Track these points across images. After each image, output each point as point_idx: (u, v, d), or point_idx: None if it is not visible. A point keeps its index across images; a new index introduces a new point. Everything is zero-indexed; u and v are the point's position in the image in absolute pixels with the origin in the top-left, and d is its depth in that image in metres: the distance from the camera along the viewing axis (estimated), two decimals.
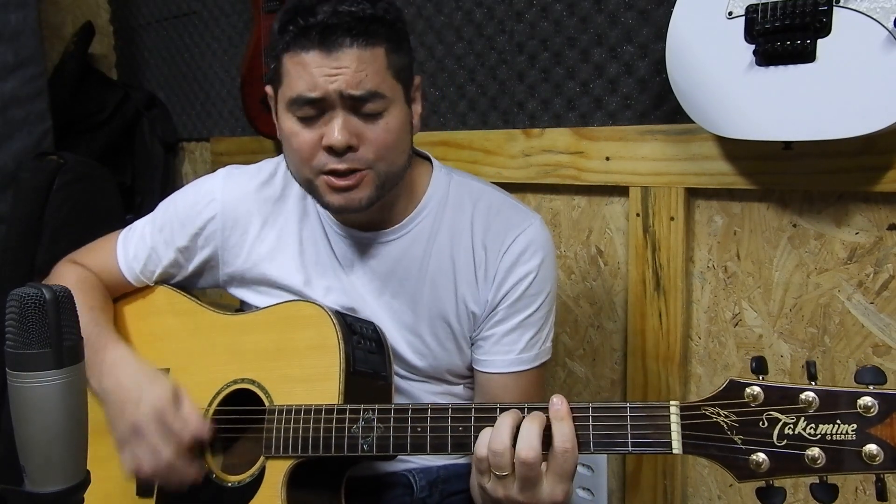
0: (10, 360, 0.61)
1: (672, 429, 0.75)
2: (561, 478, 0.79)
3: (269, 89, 1.04)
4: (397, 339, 1.08)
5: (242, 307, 1.18)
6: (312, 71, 0.92)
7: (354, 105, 0.93)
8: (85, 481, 0.64)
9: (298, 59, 0.93)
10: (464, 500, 1.14)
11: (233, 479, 0.99)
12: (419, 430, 0.87)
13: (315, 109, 0.94)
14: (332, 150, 0.94)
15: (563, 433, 0.79)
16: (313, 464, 0.95)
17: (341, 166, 0.94)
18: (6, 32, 1.91)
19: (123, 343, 1.08)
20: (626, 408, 0.77)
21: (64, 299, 0.62)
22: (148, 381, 1.00)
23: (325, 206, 1.00)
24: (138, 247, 1.16)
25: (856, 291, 1.18)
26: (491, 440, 0.81)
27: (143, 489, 1.05)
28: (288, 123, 0.97)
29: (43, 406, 0.61)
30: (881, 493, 0.68)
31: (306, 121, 0.95)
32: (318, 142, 0.95)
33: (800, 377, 1.25)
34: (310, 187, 1.00)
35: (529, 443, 0.78)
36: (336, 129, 0.92)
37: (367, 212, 1.02)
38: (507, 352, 1.06)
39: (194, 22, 2.32)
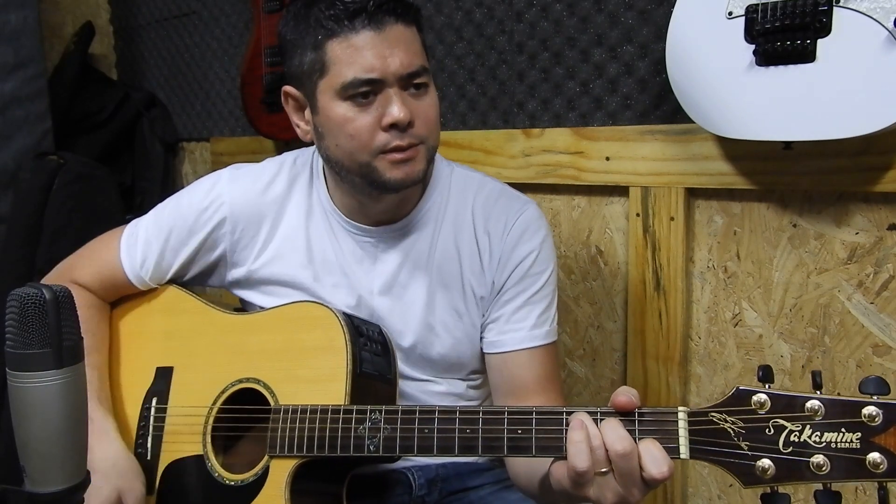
0: (10, 360, 0.61)
1: (680, 434, 0.76)
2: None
3: (290, 89, 1.03)
4: (406, 331, 1.09)
5: (244, 307, 1.18)
6: (366, 52, 0.93)
7: (407, 83, 0.96)
8: (85, 481, 0.64)
9: (349, 43, 0.94)
10: (462, 499, 1.14)
11: (236, 478, 0.99)
12: (426, 431, 0.87)
13: (370, 91, 0.95)
14: (395, 127, 0.95)
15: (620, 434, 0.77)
16: (317, 464, 0.95)
17: (404, 142, 0.96)
18: (6, 32, 1.91)
19: (100, 411, 1.04)
20: (634, 413, 0.78)
21: (64, 299, 0.62)
22: (100, 481, 0.96)
23: (383, 184, 0.99)
24: (146, 254, 1.14)
25: (856, 291, 1.18)
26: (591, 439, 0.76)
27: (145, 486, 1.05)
28: (339, 111, 0.96)
29: (43, 406, 0.61)
30: (884, 501, 0.69)
31: (361, 104, 0.95)
32: (376, 123, 0.95)
33: (800, 377, 1.25)
34: (366, 170, 0.99)
35: (618, 434, 0.76)
36: (397, 106, 0.94)
37: (383, 205, 1.04)
38: (518, 329, 1.07)
39: (194, 22, 2.32)
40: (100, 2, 2.58)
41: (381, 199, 1.03)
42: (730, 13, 1.09)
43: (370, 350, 1.00)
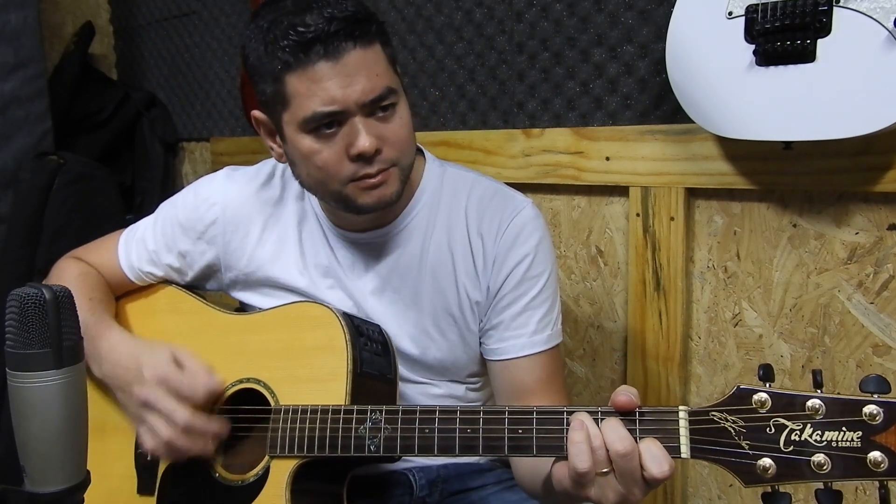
0: (10, 360, 0.61)
1: (681, 433, 0.76)
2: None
3: (259, 114, 1.01)
4: (401, 335, 1.08)
5: (243, 308, 1.18)
6: (326, 84, 0.90)
7: (372, 108, 0.93)
8: (85, 481, 0.64)
9: (307, 76, 0.90)
10: (464, 500, 1.14)
11: (236, 479, 0.99)
12: (427, 431, 0.86)
13: (333, 122, 0.92)
14: (361, 157, 0.93)
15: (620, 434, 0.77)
16: (318, 464, 0.95)
17: (373, 170, 0.94)
18: (6, 32, 1.91)
19: (118, 327, 1.08)
20: (635, 412, 0.78)
21: (64, 299, 0.62)
22: (146, 352, 1.01)
23: (357, 209, 0.98)
24: (140, 250, 1.16)
25: (856, 291, 1.18)
26: (591, 439, 0.77)
27: (145, 486, 1.05)
28: (305, 143, 0.94)
29: (43, 406, 0.61)
30: (884, 499, 0.69)
31: (325, 136, 0.93)
32: (342, 153, 0.93)
33: (800, 378, 1.26)
34: (338, 198, 0.98)
35: (618, 434, 0.76)
36: (363, 137, 0.92)
37: (365, 216, 1.03)
38: (519, 335, 1.05)
39: (194, 22, 2.32)
40: (100, 2, 2.58)
41: (360, 215, 1.02)
42: (730, 13, 1.09)
43: (370, 350, 1.00)
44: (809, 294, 1.23)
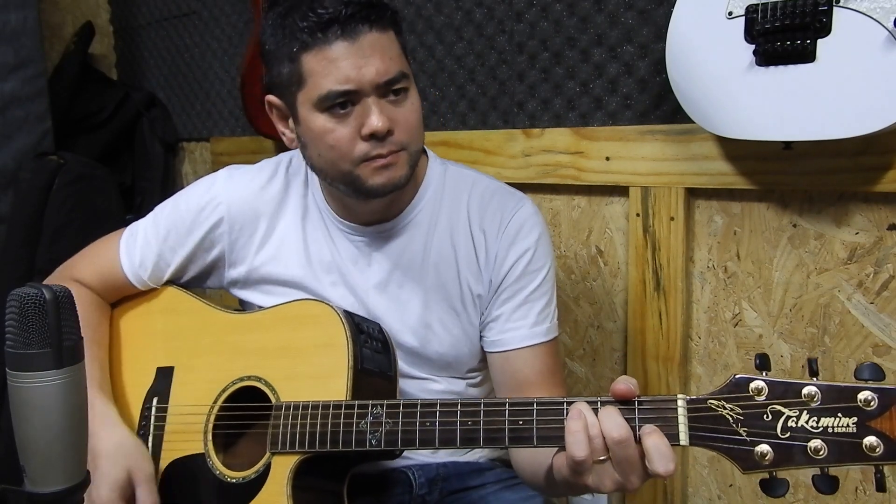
0: (10, 360, 0.61)
1: (679, 421, 0.76)
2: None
3: (273, 98, 1.03)
4: (404, 330, 1.09)
5: (243, 307, 1.18)
6: (341, 64, 0.93)
7: (385, 90, 0.96)
8: (85, 481, 0.64)
9: (323, 55, 0.93)
10: (463, 499, 1.14)
11: (237, 476, 0.99)
12: (428, 424, 0.87)
13: (348, 102, 0.95)
14: (374, 137, 0.95)
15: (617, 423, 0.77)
16: (319, 460, 0.95)
17: (384, 150, 0.96)
18: (6, 32, 1.91)
19: (101, 399, 1.05)
20: (634, 401, 0.78)
21: (64, 299, 0.62)
22: (108, 464, 0.98)
23: (367, 191, 0.99)
24: (144, 254, 1.15)
25: (856, 291, 1.18)
26: (589, 427, 0.77)
27: None
28: (318, 122, 0.96)
29: (43, 406, 0.61)
30: (880, 483, 0.70)
31: (339, 115, 0.95)
32: (355, 133, 0.95)
33: (800, 378, 1.25)
34: (349, 179, 0.99)
35: (615, 422, 0.76)
36: (375, 116, 0.94)
37: (371, 207, 1.04)
38: (519, 327, 1.07)
39: (194, 22, 2.32)
40: (100, 2, 2.58)
41: (368, 202, 1.04)
42: (730, 13, 1.09)
43: (371, 347, 1.00)
44: (809, 294, 1.23)
